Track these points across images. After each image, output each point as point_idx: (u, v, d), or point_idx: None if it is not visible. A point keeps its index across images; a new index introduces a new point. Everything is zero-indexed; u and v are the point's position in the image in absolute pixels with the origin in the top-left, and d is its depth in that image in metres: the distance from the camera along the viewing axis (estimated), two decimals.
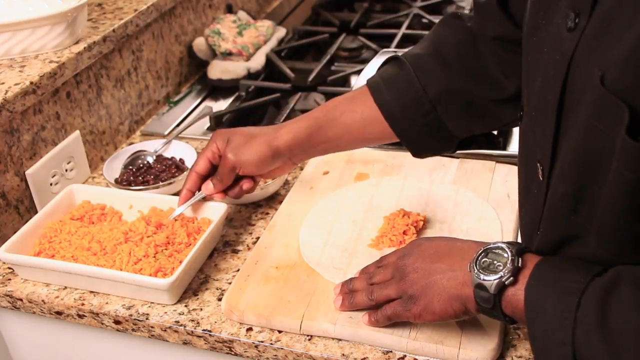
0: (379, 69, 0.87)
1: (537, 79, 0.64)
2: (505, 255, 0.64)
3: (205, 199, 0.92)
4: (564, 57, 0.57)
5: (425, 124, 0.82)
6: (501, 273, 0.63)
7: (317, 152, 0.89)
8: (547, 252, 0.65)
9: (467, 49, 0.81)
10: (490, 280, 0.63)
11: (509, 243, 0.65)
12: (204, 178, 0.90)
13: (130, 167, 1.09)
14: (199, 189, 0.90)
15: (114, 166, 1.10)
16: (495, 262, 0.64)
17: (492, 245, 0.66)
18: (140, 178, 1.06)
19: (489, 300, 0.63)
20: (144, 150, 1.13)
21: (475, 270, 0.64)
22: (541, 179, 0.64)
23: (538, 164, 0.65)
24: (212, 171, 0.89)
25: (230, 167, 0.86)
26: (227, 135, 0.87)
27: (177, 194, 1.04)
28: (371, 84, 0.85)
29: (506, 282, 0.62)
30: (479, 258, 0.65)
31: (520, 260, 0.63)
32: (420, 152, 0.87)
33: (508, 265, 0.63)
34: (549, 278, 0.60)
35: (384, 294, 0.74)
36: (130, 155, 1.12)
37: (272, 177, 0.93)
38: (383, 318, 0.74)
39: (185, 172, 1.06)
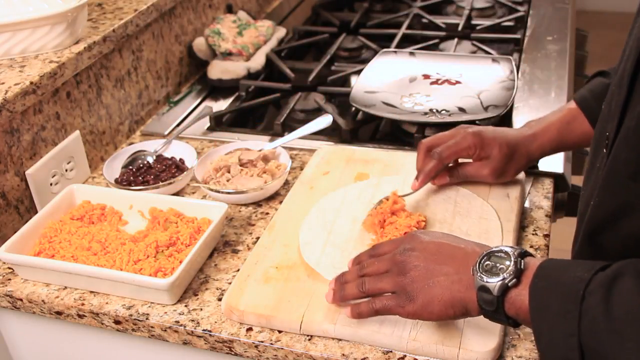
0: (587, 82, 0.95)
1: (625, 52, 0.68)
2: (508, 257, 0.64)
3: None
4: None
5: None
6: (504, 275, 0.63)
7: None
8: (600, 224, 0.67)
9: None
10: (494, 282, 0.63)
11: (511, 247, 0.66)
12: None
13: (130, 167, 1.09)
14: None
15: (114, 166, 1.10)
16: (497, 264, 0.64)
17: (494, 249, 0.66)
18: (140, 178, 1.06)
19: (492, 303, 0.64)
20: (144, 150, 1.13)
21: (478, 273, 0.65)
22: (605, 150, 0.67)
23: (606, 136, 0.67)
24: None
25: (479, 179, 0.93)
26: (486, 142, 0.91)
27: (177, 194, 1.05)
28: (578, 97, 0.93)
29: (509, 284, 0.63)
30: (482, 261, 0.66)
31: (522, 263, 0.64)
32: None
33: (511, 267, 0.63)
34: (553, 276, 0.61)
35: (377, 287, 0.73)
36: (130, 155, 1.12)
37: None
38: (369, 311, 0.73)
39: (185, 172, 1.06)
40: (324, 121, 1.10)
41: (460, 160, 0.97)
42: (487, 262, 0.65)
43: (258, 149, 1.09)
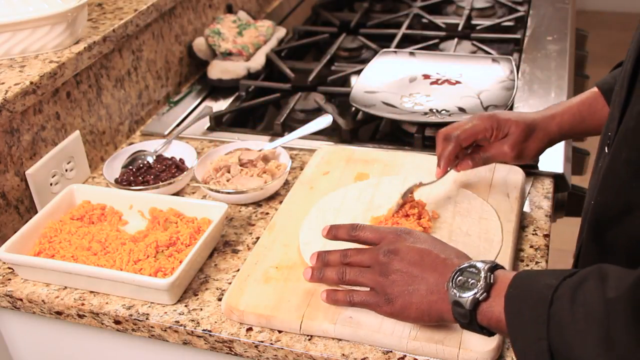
0: (611, 72, 0.95)
1: (628, 54, 0.69)
2: (478, 273, 0.67)
3: None
4: None
5: None
6: (475, 290, 0.66)
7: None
8: (603, 222, 0.68)
9: None
10: (465, 297, 0.66)
11: (482, 261, 0.68)
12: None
13: (130, 167, 1.09)
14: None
15: (114, 166, 1.10)
16: (469, 280, 0.67)
17: (466, 265, 0.69)
18: (140, 178, 1.06)
19: (465, 316, 0.66)
20: (144, 150, 1.13)
21: (452, 289, 0.67)
22: (607, 150, 0.68)
23: (609, 136, 0.68)
24: None
25: (500, 159, 0.91)
26: (503, 124, 0.90)
27: (177, 194, 1.05)
28: (599, 84, 0.93)
29: (480, 298, 0.65)
30: (455, 277, 0.68)
31: (492, 277, 0.66)
32: None
33: (481, 282, 0.66)
34: (526, 284, 0.63)
35: (358, 281, 0.75)
36: (130, 155, 1.12)
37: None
38: (346, 302, 0.76)
39: (185, 172, 1.06)
40: (324, 121, 1.10)
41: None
42: (460, 278, 0.68)
43: (258, 149, 1.09)
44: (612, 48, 3.06)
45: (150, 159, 1.11)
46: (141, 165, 1.09)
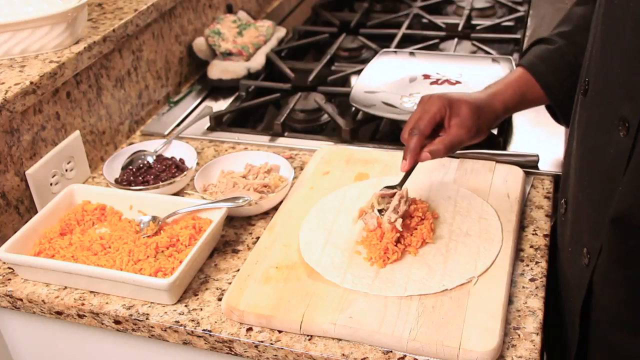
0: (525, 51, 0.98)
1: (624, 33, 0.65)
2: None
3: None
4: None
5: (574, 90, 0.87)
6: None
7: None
8: (632, 209, 0.66)
9: None
10: None
11: None
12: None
13: (130, 167, 1.09)
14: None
15: (114, 166, 1.10)
16: None
17: None
18: (140, 178, 1.06)
19: None
20: (144, 150, 1.13)
21: None
22: (622, 136, 0.65)
23: (620, 122, 0.66)
24: None
25: (458, 143, 0.90)
26: (454, 108, 0.90)
27: (177, 194, 1.05)
28: (524, 62, 0.96)
29: None
30: None
31: None
32: (567, 120, 0.92)
33: None
34: None
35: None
36: (130, 155, 1.12)
37: None
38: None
39: (185, 172, 1.06)
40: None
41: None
42: None
43: (263, 161, 1.08)
44: None
45: (150, 159, 1.11)
46: (141, 165, 1.09)
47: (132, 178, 1.06)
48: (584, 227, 0.76)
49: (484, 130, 0.93)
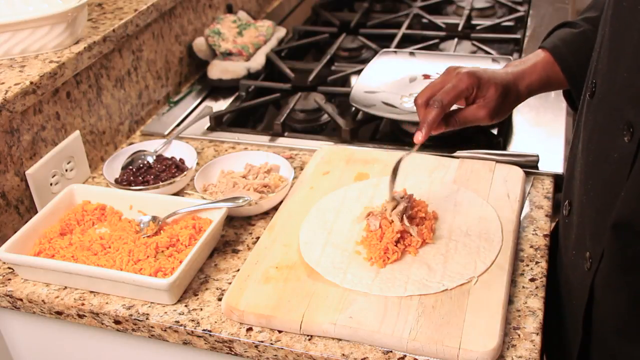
0: (549, 34, 0.97)
1: (632, 36, 0.64)
2: None
3: None
4: None
5: None
6: None
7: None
8: (633, 216, 0.65)
9: None
10: None
11: None
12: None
13: (130, 167, 1.09)
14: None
15: (114, 166, 1.10)
16: None
17: None
18: (140, 178, 1.06)
19: None
20: (144, 150, 1.13)
21: None
22: (627, 141, 0.65)
23: (625, 126, 0.65)
24: None
25: (476, 122, 0.90)
26: (482, 84, 0.89)
27: (177, 194, 1.05)
28: (547, 44, 0.94)
29: None
30: None
31: None
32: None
33: None
34: None
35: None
36: (130, 155, 1.12)
37: None
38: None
39: (185, 172, 1.05)
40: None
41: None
42: None
43: (263, 161, 1.08)
44: None
45: (150, 159, 1.11)
46: (141, 165, 1.09)
47: (132, 178, 1.06)
48: (587, 231, 0.75)
49: (505, 112, 0.92)
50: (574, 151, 0.82)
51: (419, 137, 0.87)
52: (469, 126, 0.92)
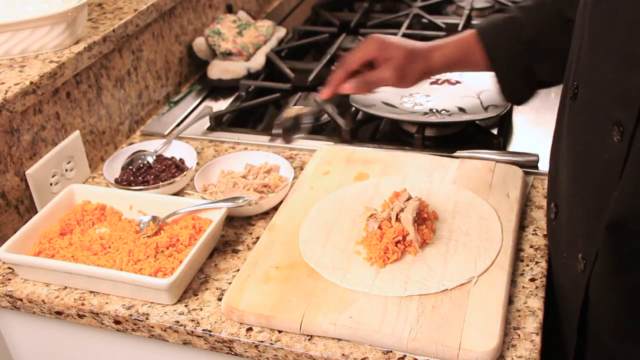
0: (489, 17, 1.02)
1: (615, 37, 0.65)
2: None
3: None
4: None
5: (517, 62, 0.95)
6: None
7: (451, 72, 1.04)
8: (628, 215, 0.65)
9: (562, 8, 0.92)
10: None
11: None
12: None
13: (130, 167, 1.09)
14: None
15: (114, 166, 1.10)
16: None
17: None
18: (140, 178, 1.06)
19: None
20: (144, 150, 1.13)
21: None
22: (617, 140, 0.65)
23: (614, 127, 0.65)
24: None
25: (384, 85, 0.96)
26: (389, 52, 0.95)
27: (177, 194, 1.05)
28: (478, 26, 0.98)
29: None
30: None
31: None
32: (507, 91, 0.98)
33: None
34: None
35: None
36: (130, 155, 1.12)
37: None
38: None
39: (185, 172, 1.06)
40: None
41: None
42: None
43: (263, 161, 1.08)
44: None
45: (150, 159, 1.11)
46: (141, 165, 1.09)
47: (132, 178, 1.06)
48: (578, 232, 0.75)
49: (412, 77, 0.97)
50: (556, 154, 0.82)
51: (322, 95, 0.95)
52: (379, 87, 0.97)
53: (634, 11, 0.62)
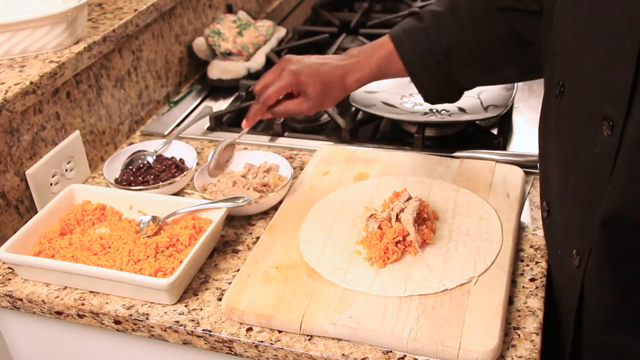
0: (400, 23, 1.00)
1: (600, 34, 0.65)
2: None
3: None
4: None
5: (437, 71, 0.95)
6: None
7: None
8: (622, 209, 0.65)
9: (479, 7, 0.92)
10: None
11: None
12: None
13: (130, 167, 1.09)
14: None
15: (114, 166, 1.10)
16: None
17: None
18: (140, 178, 1.06)
19: None
20: (144, 150, 1.13)
21: None
22: (607, 135, 0.65)
23: (604, 122, 0.65)
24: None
25: (296, 113, 0.97)
26: (302, 80, 0.95)
27: (177, 194, 1.05)
28: (393, 34, 0.97)
29: None
30: None
31: None
32: (429, 98, 0.99)
33: None
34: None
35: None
36: (130, 156, 1.12)
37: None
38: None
39: (185, 172, 1.06)
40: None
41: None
42: None
43: (262, 160, 1.08)
44: None
45: (150, 159, 1.11)
46: (141, 165, 1.09)
47: (132, 178, 1.06)
48: (572, 228, 0.75)
49: (330, 103, 0.98)
50: (545, 152, 0.82)
51: (245, 125, 0.98)
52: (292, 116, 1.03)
53: (618, 6, 0.62)
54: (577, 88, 0.70)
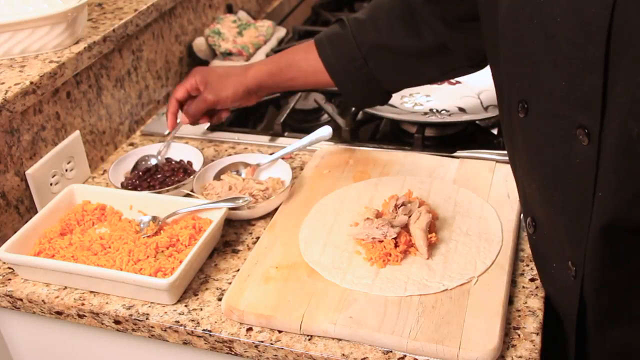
0: (325, 29, 1.05)
1: (558, 47, 0.65)
2: None
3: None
4: (605, 6, 0.58)
5: (359, 76, 0.99)
6: None
7: (279, 89, 1.12)
8: (615, 214, 0.65)
9: (396, 12, 0.96)
10: None
11: None
12: (182, 104, 1.09)
13: (136, 171, 1.08)
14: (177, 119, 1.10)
15: (120, 170, 1.09)
16: None
17: None
18: (145, 182, 1.05)
19: None
20: (151, 155, 1.11)
21: None
22: (585, 144, 0.65)
23: (579, 131, 0.65)
24: (187, 99, 1.08)
25: (209, 105, 1.05)
26: (205, 75, 1.05)
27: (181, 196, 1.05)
28: (317, 39, 1.03)
29: None
30: None
31: None
32: (356, 103, 1.06)
33: None
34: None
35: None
36: (136, 160, 1.10)
37: (242, 106, 1.10)
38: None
39: (191, 176, 1.05)
40: (323, 131, 1.09)
41: None
42: None
43: (256, 162, 1.07)
44: None
45: (157, 163, 1.10)
46: (147, 169, 1.08)
47: (137, 182, 1.05)
48: (565, 240, 0.75)
49: (230, 88, 1.04)
50: (517, 172, 0.81)
51: (169, 127, 1.09)
52: (204, 109, 1.07)
53: (572, 18, 0.62)
54: (544, 102, 0.69)
